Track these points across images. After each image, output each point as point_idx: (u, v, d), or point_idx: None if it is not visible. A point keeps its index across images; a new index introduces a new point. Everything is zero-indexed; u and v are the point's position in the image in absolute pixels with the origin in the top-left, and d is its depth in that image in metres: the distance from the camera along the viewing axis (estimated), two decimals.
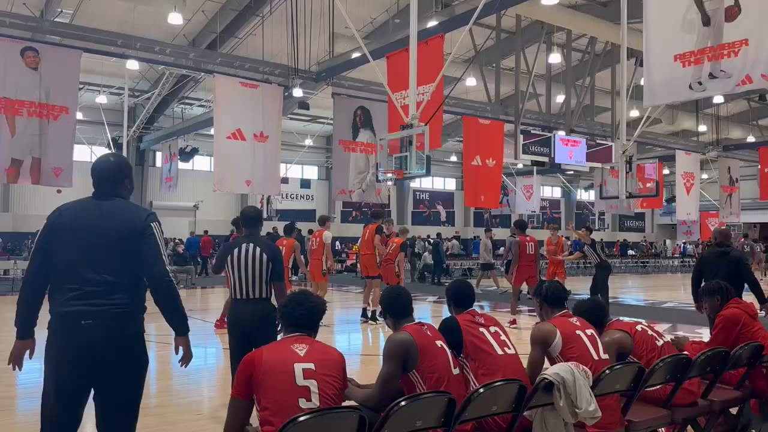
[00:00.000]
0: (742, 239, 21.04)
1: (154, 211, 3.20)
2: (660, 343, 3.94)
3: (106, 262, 2.93)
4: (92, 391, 2.95)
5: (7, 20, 12.74)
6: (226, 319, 8.32)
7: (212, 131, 15.46)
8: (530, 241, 11.10)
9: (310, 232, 23.49)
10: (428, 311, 13.56)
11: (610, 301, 12.90)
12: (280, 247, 8.43)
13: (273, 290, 4.78)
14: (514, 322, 10.59)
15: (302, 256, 11.43)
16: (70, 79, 12.80)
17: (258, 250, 4.76)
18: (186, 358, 3.18)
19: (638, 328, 3.99)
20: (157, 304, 3.05)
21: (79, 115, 16.51)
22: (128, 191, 3.22)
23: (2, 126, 11.89)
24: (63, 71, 12.51)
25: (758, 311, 5.08)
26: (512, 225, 13.76)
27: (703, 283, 5.52)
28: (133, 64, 16.96)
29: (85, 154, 21.56)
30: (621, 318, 4.34)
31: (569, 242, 15.04)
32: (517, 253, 11.00)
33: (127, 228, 3.00)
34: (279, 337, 4.87)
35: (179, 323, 3.12)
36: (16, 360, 3.00)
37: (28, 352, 3.02)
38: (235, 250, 4.79)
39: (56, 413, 2.91)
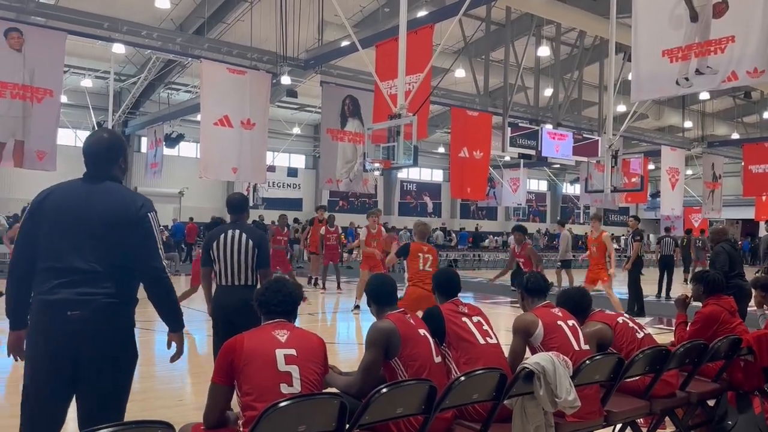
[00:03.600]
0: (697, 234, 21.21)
1: (150, 199, 3.02)
2: (640, 335, 3.99)
3: (94, 249, 2.74)
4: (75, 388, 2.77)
5: None
6: None
7: (199, 117, 15.34)
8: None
9: (296, 221, 23.49)
10: None
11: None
12: None
13: (258, 277, 4.74)
14: None
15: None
16: (55, 62, 12.61)
17: (244, 236, 4.73)
18: (177, 355, 3.11)
19: (619, 320, 4.04)
20: (151, 299, 2.93)
21: (64, 99, 16.28)
22: (122, 171, 3.02)
23: None
24: (47, 53, 12.33)
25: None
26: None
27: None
28: (119, 48, 16.74)
29: (70, 137, 21.31)
30: (604, 310, 4.39)
31: (623, 238, 13.00)
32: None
33: (120, 215, 2.80)
34: None
35: (174, 320, 3.03)
36: (15, 351, 2.83)
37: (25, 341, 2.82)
38: (221, 236, 4.73)
39: (38, 411, 2.72)
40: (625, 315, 4.23)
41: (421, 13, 12.87)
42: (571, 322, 3.60)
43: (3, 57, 11.82)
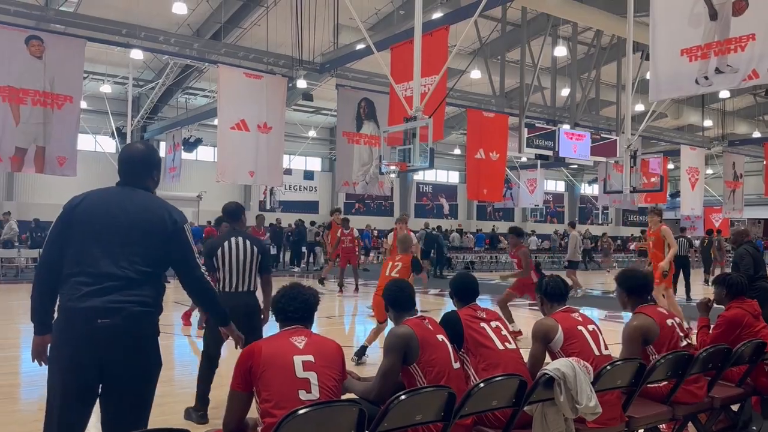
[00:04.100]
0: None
1: (182, 211, 3.07)
2: (683, 344, 3.90)
3: (127, 255, 2.73)
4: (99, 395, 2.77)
5: (12, 8, 12.74)
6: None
7: (216, 122, 15.46)
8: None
9: (313, 223, 23.56)
10: (430, 304, 13.54)
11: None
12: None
13: (261, 282, 4.95)
14: None
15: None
16: (75, 68, 12.79)
17: (248, 243, 4.90)
18: (237, 341, 3.45)
19: (669, 322, 3.90)
20: (198, 305, 3.18)
21: (84, 105, 16.48)
22: (155, 184, 3.05)
23: (6, 115, 11.91)
24: (67, 60, 12.51)
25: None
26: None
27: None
28: (137, 54, 16.92)
29: (89, 143, 21.59)
30: (659, 307, 4.17)
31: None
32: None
33: (156, 225, 2.82)
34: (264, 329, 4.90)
35: (218, 316, 3.33)
36: (39, 356, 2.81)
37: (49, 346, 2.81)
38: (225, 244, 4.87)
39: (61, 416, 2.70)
40: (676, 319, 4.03)
41: (437, 15, 12.85)
42: (591, 327, 3.56)
43: (24, 64, 12.01)
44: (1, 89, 11.86)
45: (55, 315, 2.78)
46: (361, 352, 7.01)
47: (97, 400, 2.78)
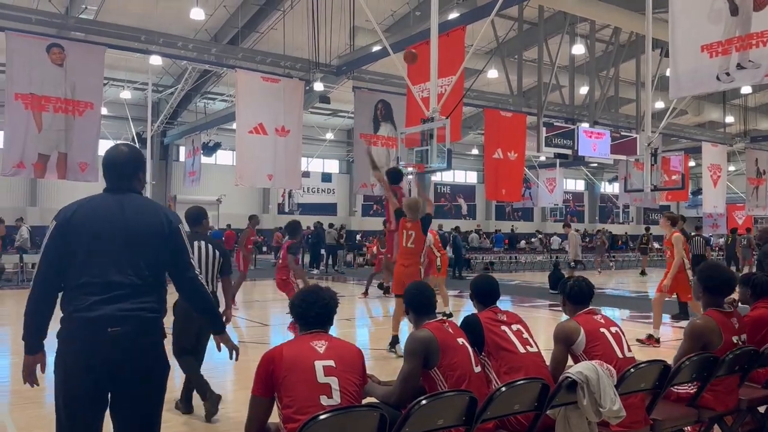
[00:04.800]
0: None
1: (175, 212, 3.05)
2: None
3: (132, 262, 2.71)
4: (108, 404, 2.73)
5: (33, 17, 12.96)
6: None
7: (235, 126, 15.57)
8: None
9: (331, 225, 23.61)
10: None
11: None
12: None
13: (222, 284, 5.24)
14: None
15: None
16: (95, 75, 12.97)
17: (210, 247, 5.16)
18: (232, 352, 3.18)
19: (734, 339, 3.81)
20: (192, 308, 3.04)
21: (104, 111, 16.70)
22: (142, 185, 2.99)
23: (29, 122, 12.10)
24: (88, 67, 12.69)
25: None
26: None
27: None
28: (156, 60, 17.11)
29: None
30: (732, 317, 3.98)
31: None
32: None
33: (158, 228, 2.81)
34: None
35: (215, 323, 3.12)
36: (30, 377, 2.77)
37: (38, 366, 2.77)
38: None
39: (74, 426, 2.68)
40: (743, 337, 3.91)
41: (453, 15, 12.82)
42: (614, 329, 3.51)
43: (46, 72, 12.20)
44: (24, 97, 12.06)
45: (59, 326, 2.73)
46: (394, 341, 7.06)
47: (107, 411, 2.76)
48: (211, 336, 3.31)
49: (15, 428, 4.64)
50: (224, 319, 4.95)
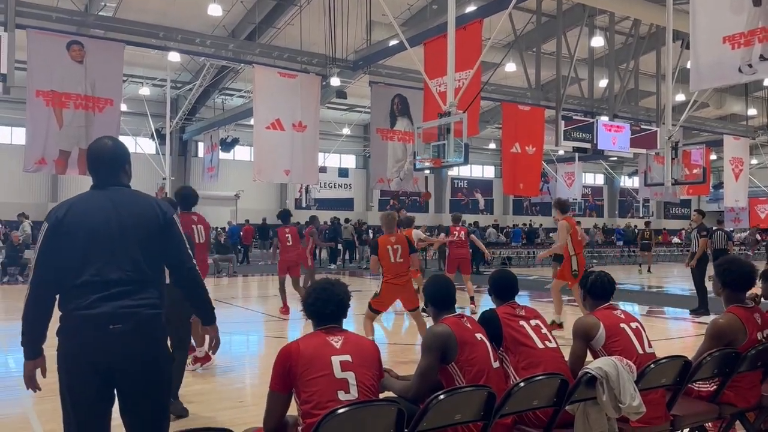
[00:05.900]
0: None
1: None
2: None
3: (131, 259, 2.69)
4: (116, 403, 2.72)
5: (54, 15, 13.08)
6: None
7: (252, 121, 15.65)
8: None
9: (347, 220, 23.66)
10: (465, 301, 13.46)
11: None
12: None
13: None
14: None
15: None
16: (115, 72, 13.09)
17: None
18: (215, 347, 3.19)
19: (758, 335, 3.72)
20: (187, 299, 2.98)
21: (123, 107, 16.86)
22: (128, 177, 2.93)
23: (50, 118, 12.25)
24: (107, 64, 12.80)
25: None
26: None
27: None
28: (174, 56, 17.21)
29: (130, 145, 21.98)
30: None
31: (684, 231, 9.57)
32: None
33: (153, 220, 2.78)
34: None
35: (207, 313, 3.06)
36: (31, 382, 2.72)
37: (39, 370, 2.72)
38: None
39: (83, 425, 2.65)
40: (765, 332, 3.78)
41: (470, 9, 12.74)
42: (634, 324, 3.47)
43: (66, 69, 12.33)
44: (45, 94, 12.20)
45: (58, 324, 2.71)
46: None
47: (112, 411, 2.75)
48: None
49: (39, 422, 4.72)
50: None
